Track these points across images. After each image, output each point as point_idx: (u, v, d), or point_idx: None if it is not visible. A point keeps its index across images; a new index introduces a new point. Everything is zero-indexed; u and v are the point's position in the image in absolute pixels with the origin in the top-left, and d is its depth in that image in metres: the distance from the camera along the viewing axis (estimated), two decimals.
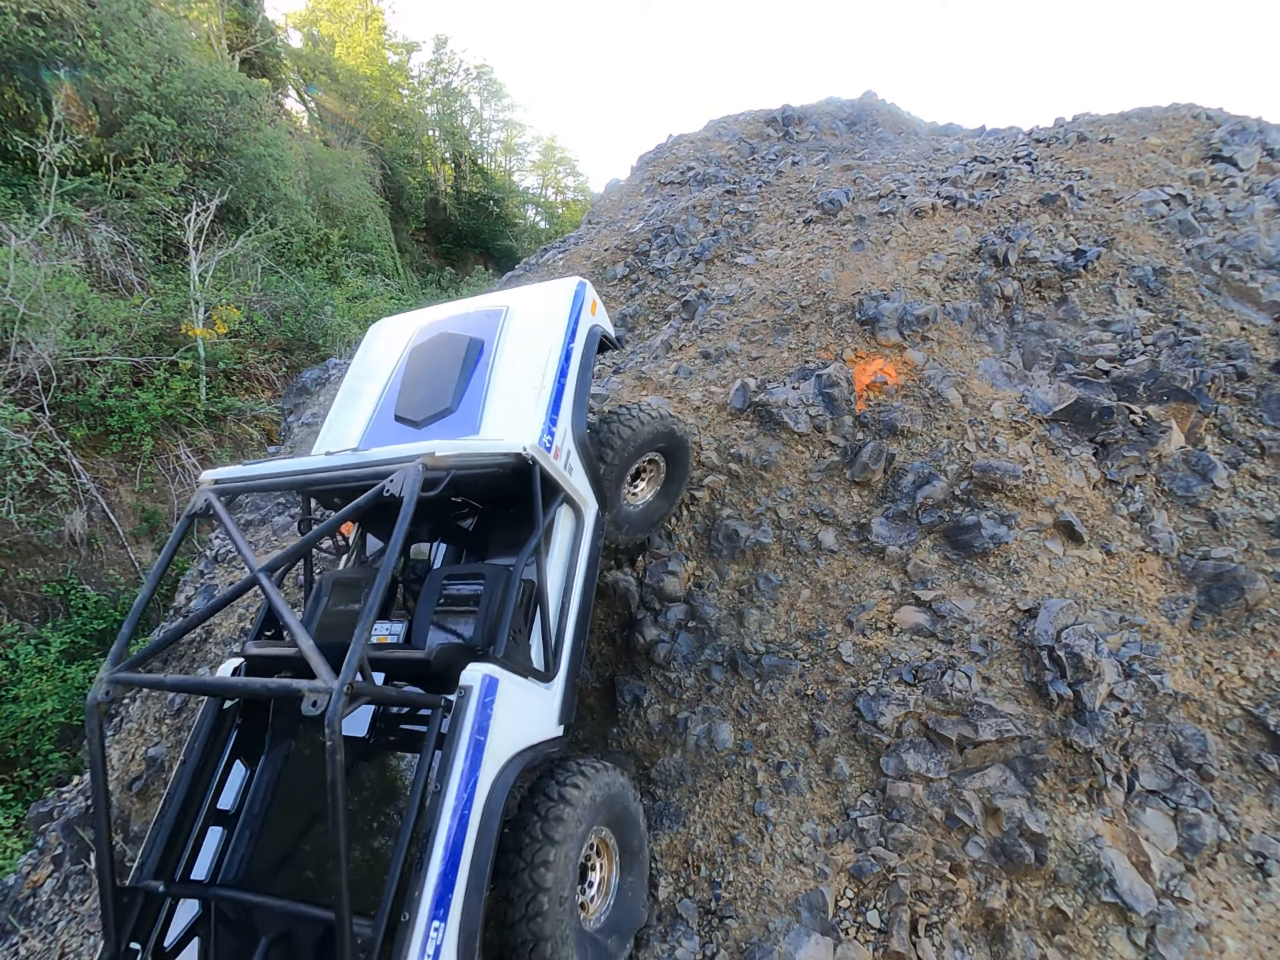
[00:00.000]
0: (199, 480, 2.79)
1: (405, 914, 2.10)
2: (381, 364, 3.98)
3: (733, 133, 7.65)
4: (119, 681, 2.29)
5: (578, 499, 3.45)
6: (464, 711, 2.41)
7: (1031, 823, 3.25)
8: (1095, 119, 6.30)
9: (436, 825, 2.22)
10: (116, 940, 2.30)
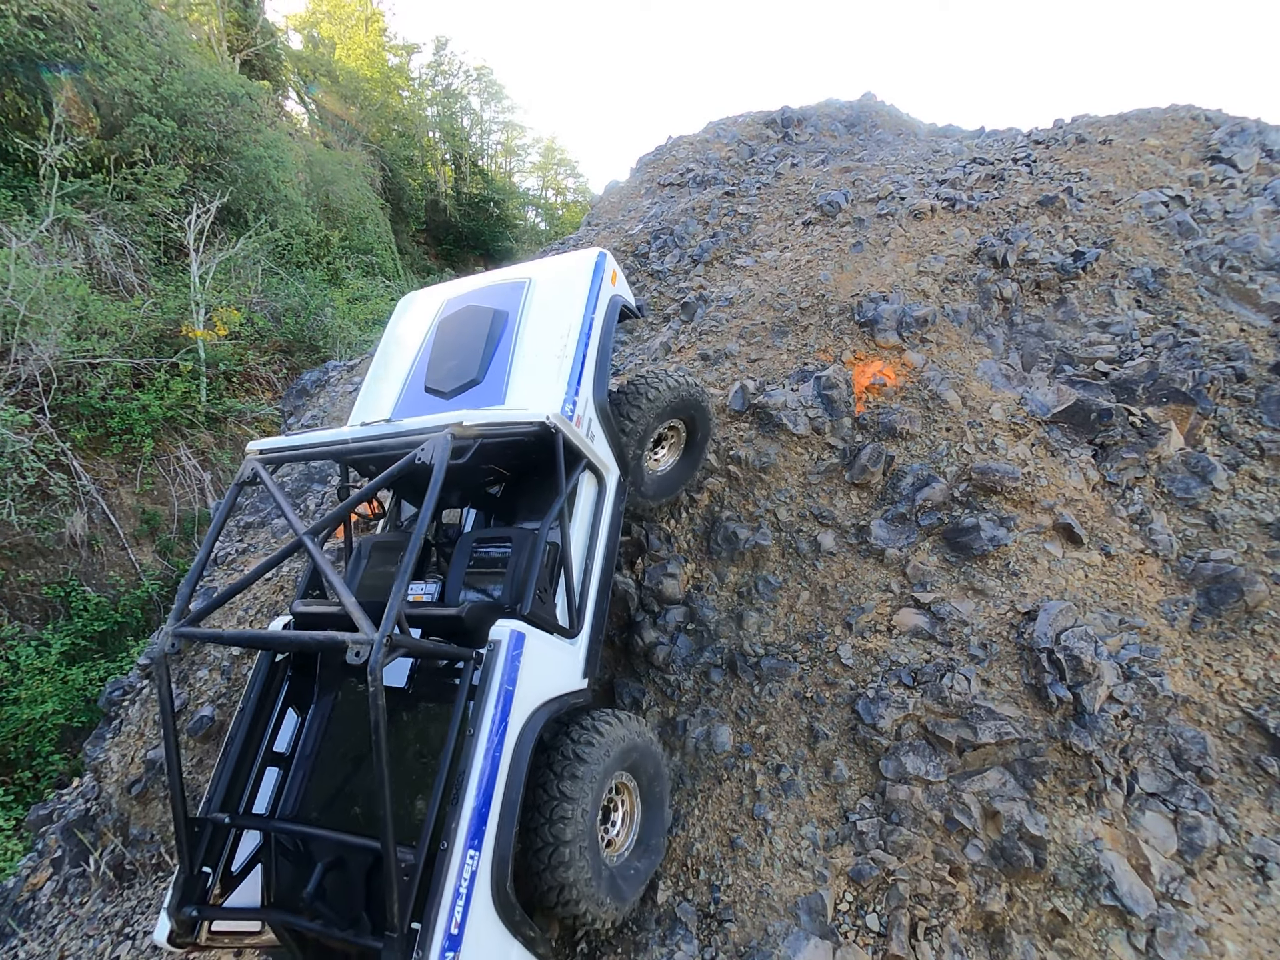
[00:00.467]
0: (245, 450, 2.99)
1: (444, 843, 2.31)
2: (411, 336, 4.12)
3: (732, 134, 7.65)
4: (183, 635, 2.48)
5: (600, 465, 3.56)
6: (494, 663, 2.59)
7: (1031, 825, 3.24)
8: (1094, 120, 6.30)
9: (471, 765, 2.43)
10: (190, 865, 2.56)
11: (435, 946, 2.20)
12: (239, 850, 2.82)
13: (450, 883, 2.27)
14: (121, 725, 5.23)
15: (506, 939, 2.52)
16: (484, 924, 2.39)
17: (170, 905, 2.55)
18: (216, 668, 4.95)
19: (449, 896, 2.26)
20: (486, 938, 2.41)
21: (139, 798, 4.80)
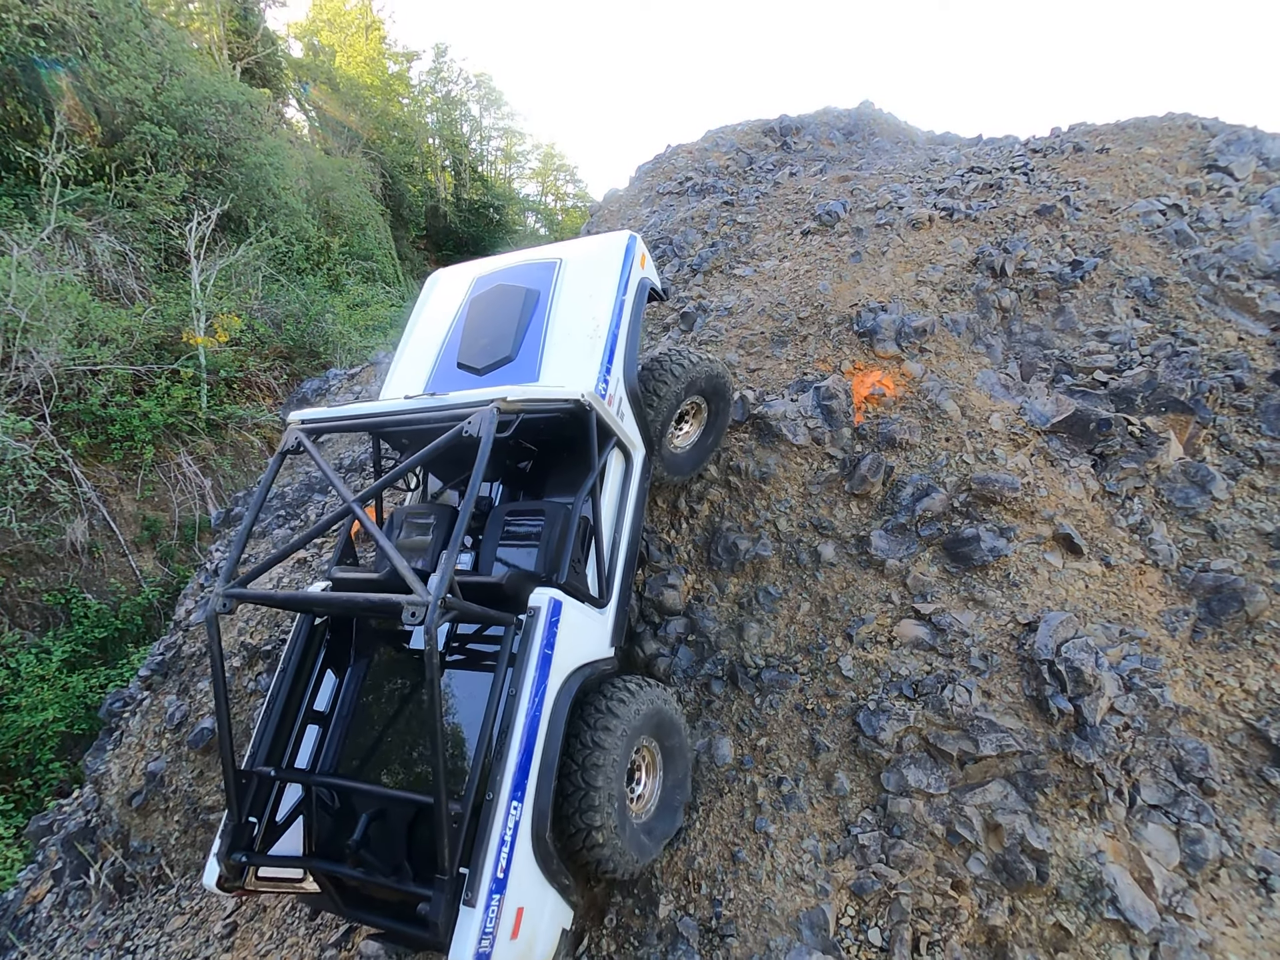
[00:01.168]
0: (288, 421, 3.06)
1: (490, 794, 2.47)
2: (442, 314, 4.21)
3: (730, 143, 7.68)
4: (234, 595, 2.57)
5: (628, 443, 3.70)
6: (534, 628, 2.75)
7: (1033, 839, 3.23)
8: (1091, 129, 6.32)
9: (513, 723, 2.59)
10: (239, 814, 2.68)
11: (483, 888, 2.36)
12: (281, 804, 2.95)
13: (496, 831, 2.44)
14: (122, 737, 5.22)
15: (544, 886, 2.69)
16: (525, 870, 2.57)
17: (220, 852, 2.67)
18: None
19: (495, 843, 2.42)
20: (527, 883, 2.58)
21: (139, 810, 4.80)
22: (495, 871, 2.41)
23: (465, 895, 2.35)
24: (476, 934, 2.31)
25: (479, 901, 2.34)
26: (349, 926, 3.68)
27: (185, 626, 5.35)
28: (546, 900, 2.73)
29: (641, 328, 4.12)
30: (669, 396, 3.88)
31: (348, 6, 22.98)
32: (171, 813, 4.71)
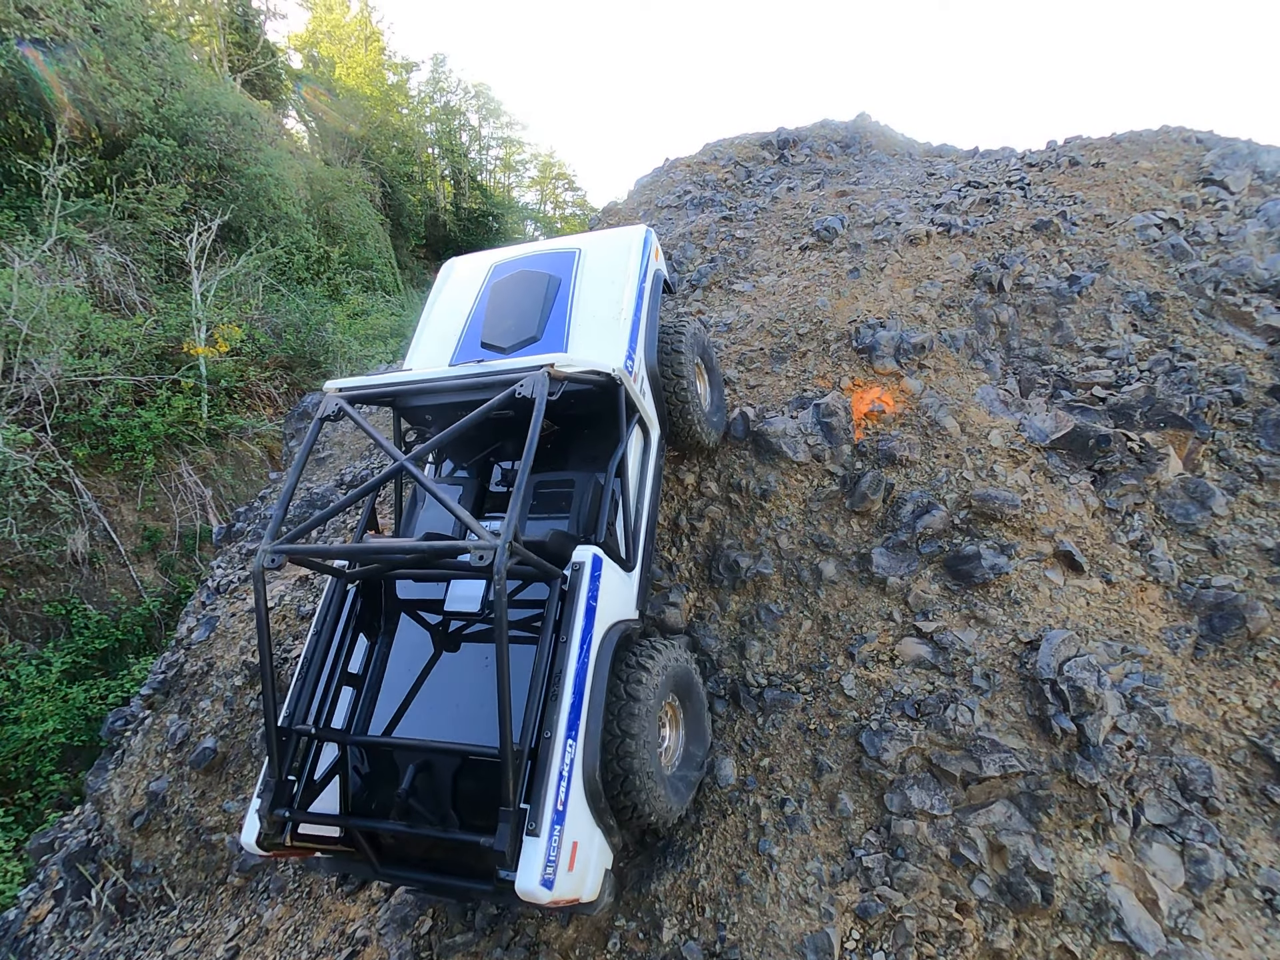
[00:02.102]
0: (324, 389, 3.20)
1: (548, 732, 2.64)
2: (460, 298, 4.40)
3: (728, 156, 7.72)
4: (282, 550, 2.65)
5: (648, 420, 3.91)
6: (580, 581, 2.93)
7: (1037, 860, 3.23)
8: (1086, 143, 6.35)
9: (565, 667, 2.76)
10: (279, 770, 2.75)
11: (545, 820, 2.50)
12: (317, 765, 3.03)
13: (555, 766, 2.59)
14: (123, 756, 5.21)
15: (593, 824, 2.82)
16: (579, 807, 2.71)
17: (262, 808, 2.71)
18: (220, 698, 4.95)
19: (554, 778, 2.57)
20: (581, 819, 2.71)
21: (141, 830, 4.78)
22: (555, 804, 2.56)
23: (529, 826, 2.49)
24: (541, 862, 2.45)
25: (542, 831, 2.48)
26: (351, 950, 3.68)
27: (187, 644, 5.35)
28: (595, 838, 2.84)
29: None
30: (687, 371, 4.12)
31: (347, 18, 23.15)
32: (173, 833, 4.70)
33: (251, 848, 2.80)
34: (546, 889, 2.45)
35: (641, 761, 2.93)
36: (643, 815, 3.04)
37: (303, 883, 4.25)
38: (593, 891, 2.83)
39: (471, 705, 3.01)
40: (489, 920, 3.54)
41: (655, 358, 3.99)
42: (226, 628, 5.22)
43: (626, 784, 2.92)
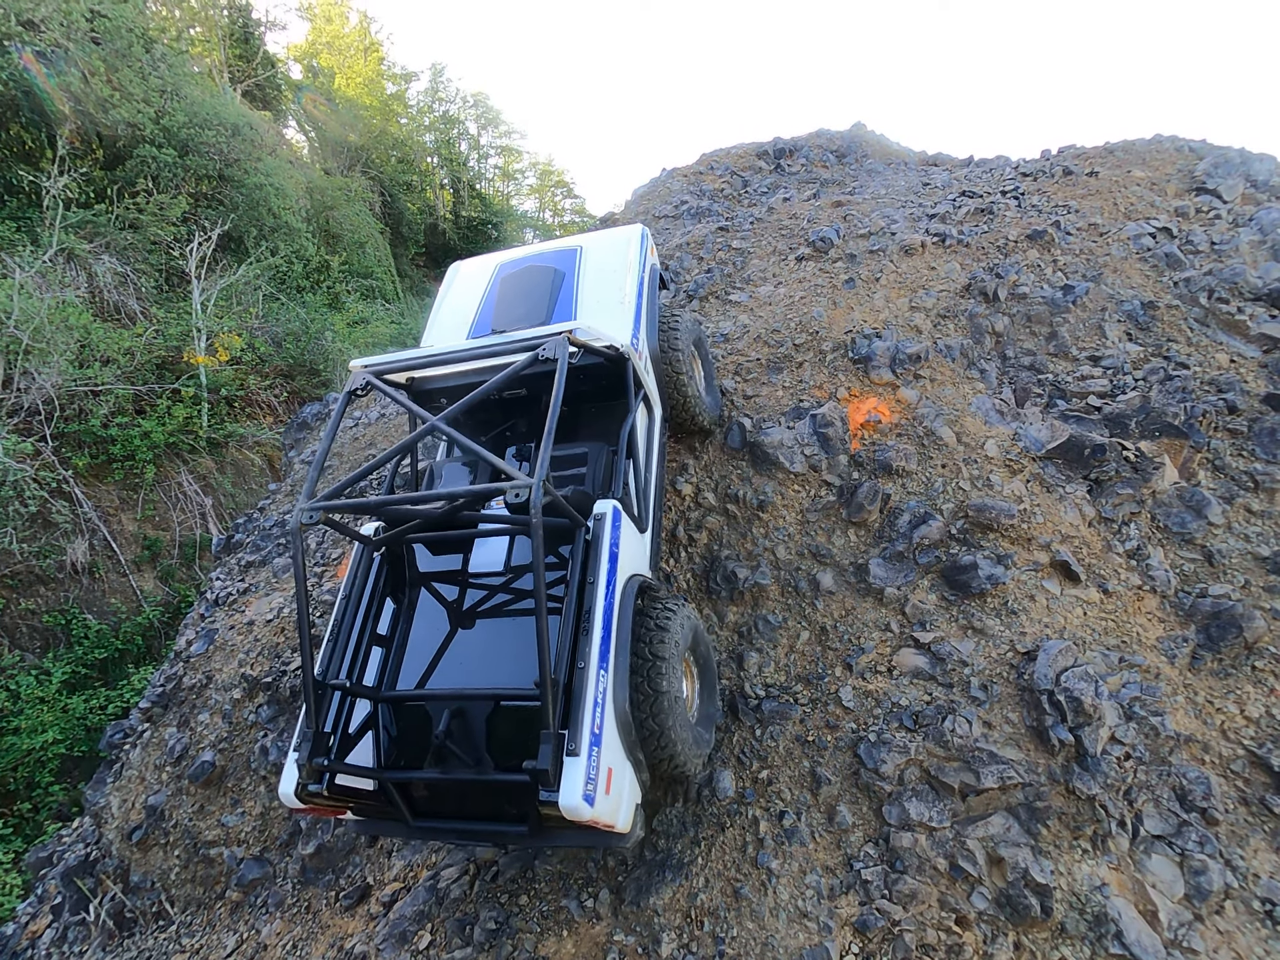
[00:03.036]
0: (350, 367, 3.37)
1: (581, 663, 2.81)
2: (470, 292, 4.68)
3: (725, 166, 7.76)
4: (320, 507, 2.76)
5: (652, 398, 4.13)
6: (603, 529, 3.13)
7: (1036, 872, 3.22)
8: (1080, 152, 6.39)
9: (594, 605, 2.94)
10: (317, 721, 2.83)
11: (584, 741, 2.66)
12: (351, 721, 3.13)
13: (590, 694, 2.75)
14: (122, 770, 5.21)
15: (625, 756, 2.96)
16: (612, 735, 2.86)
17: (301, 757, 2.77)
18: (218, 711, 4.95)
19: (590, 704, 2.74)
20: (614, 747, 2.87)
21: (139, 844, 4.77)
22: (592, 728, 2.72)
23: (569, 747, 2.63)
24: (583, 779, 2.59)
25: (581, 751, 2.63)
26: None
27: (186, 657, 5.35)
28: (627, 771, 2.99)
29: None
30: (683, 348, 4.36)
31: (346, 29, 23.32)
32: (172, 847, 4.69)
33: (289, 799, 2.88)
34: (588, 804, 2.58)
35: (675, 717, 3.13)
36: (677, 765, 3.23)
37: (301, 897, 4.24)
38: (626, 821, 2.94)
39: (499, 658, 3.18)
40: (487, 935, 3.53)
41: (656, 343, 4.23)
42: (225, 640, 5.23)
43: (663, 738, 3.10)
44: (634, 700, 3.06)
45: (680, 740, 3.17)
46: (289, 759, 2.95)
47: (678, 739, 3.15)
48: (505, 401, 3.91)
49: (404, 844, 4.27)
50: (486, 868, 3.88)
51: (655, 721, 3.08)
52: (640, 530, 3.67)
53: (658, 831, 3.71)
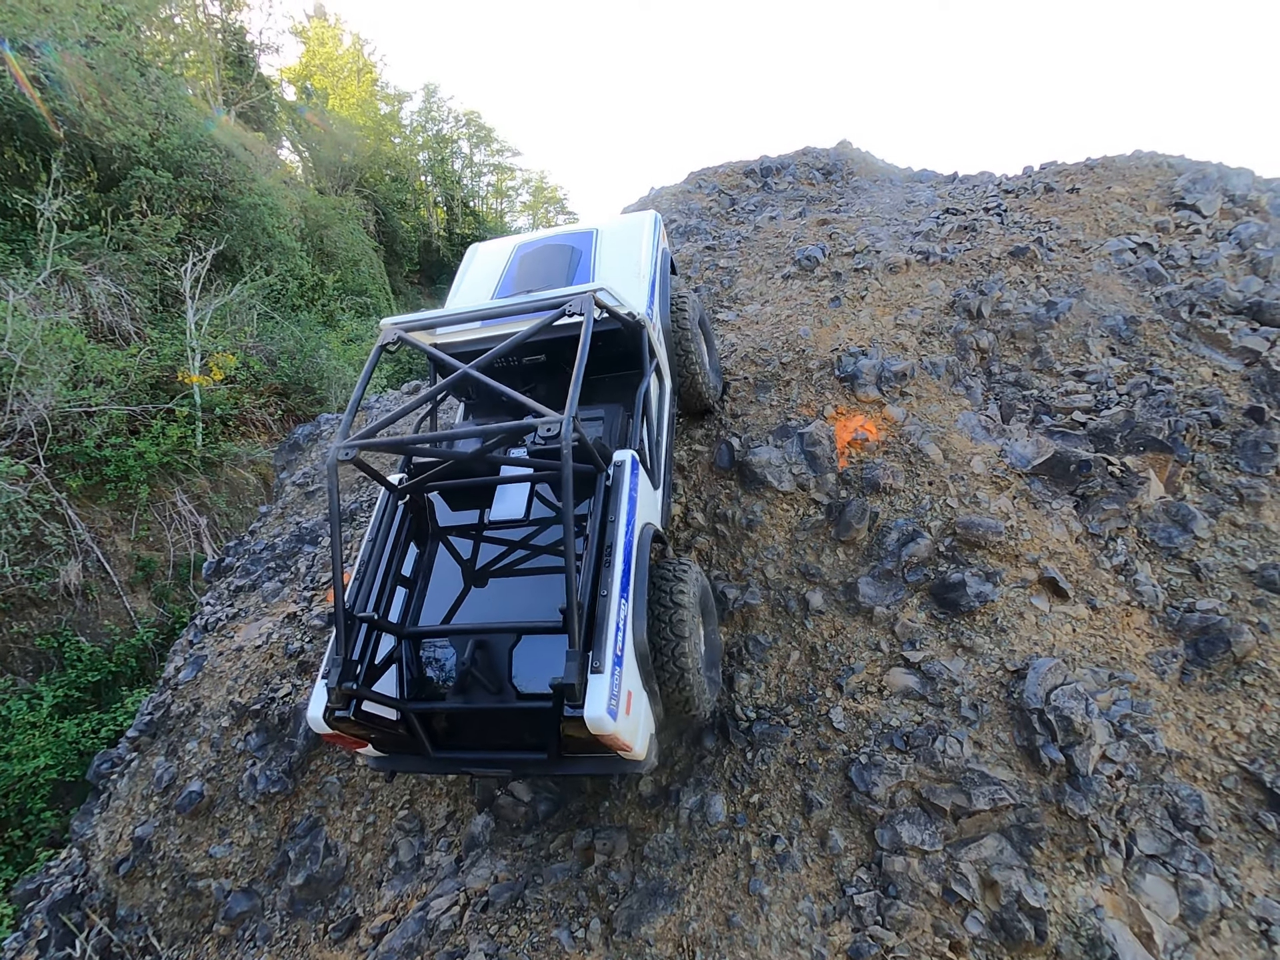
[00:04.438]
0: (380, 325, 3.53)
1: (604, 591, 2.97)
2: (489, 270, 4.89)
3: (713, 184, 7.85)
4: (355, 444, 2.90)
5: (664, 369, 4.30)
6: (622, 475, 3.33)
7: (1030, 896, 3.20)
8: (1061, 168, 6.48)
9: (616, 540, 3.12)
10: (347, 649, 2.92)
11: (607, 660, 2.81)
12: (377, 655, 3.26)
13: (612, 618, 2.91)
14: (110, 800, 5.14)
15: (642, 685, 3.11)
16: (631, 661, 2.99)
17: (331, 681, 2.86)
18: (206, 740, 4.90)
19: (612, 628, 2.89)
20: (633, 673, 3.00)
21: (127, 877, 4.71)
22: (614, 649, 2.87)
23: (594, 664, 2.78)
24: (606, 694, 2.73)
25: (605, 669, 2.78)
26: None
27: (174, 685, 5.31)
28: (644, 698, 3.14)
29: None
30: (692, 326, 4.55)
31: (340, 51, 23.61)
32: (159, 880, 4.63)
33: (317, 723, 2.99)
34: (611, 718, 2.71)
35: (692, 660, 3.33)
36: (691, 706, 3.43)
37: (290, 930, 4.18)
38: (643, 747, 3.07)
39: (519, 598, 3.35)
40: None
41: (669, 319, 4.42)
42: (214, 667, 5.19)
43: (682, 681, 3.31)
44: (656, 645, 3.25)
45: (697, 684, 3.39)
46: (317, 686, 3.09)
47: (695, 681, 3.36)
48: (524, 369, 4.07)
49: (393, 874, 4.22)
50: (477, 898, 3.83)
51: (676, 665, 3.28)
52: (654, 486, 3.85)
53: (649, 859, 3.67)
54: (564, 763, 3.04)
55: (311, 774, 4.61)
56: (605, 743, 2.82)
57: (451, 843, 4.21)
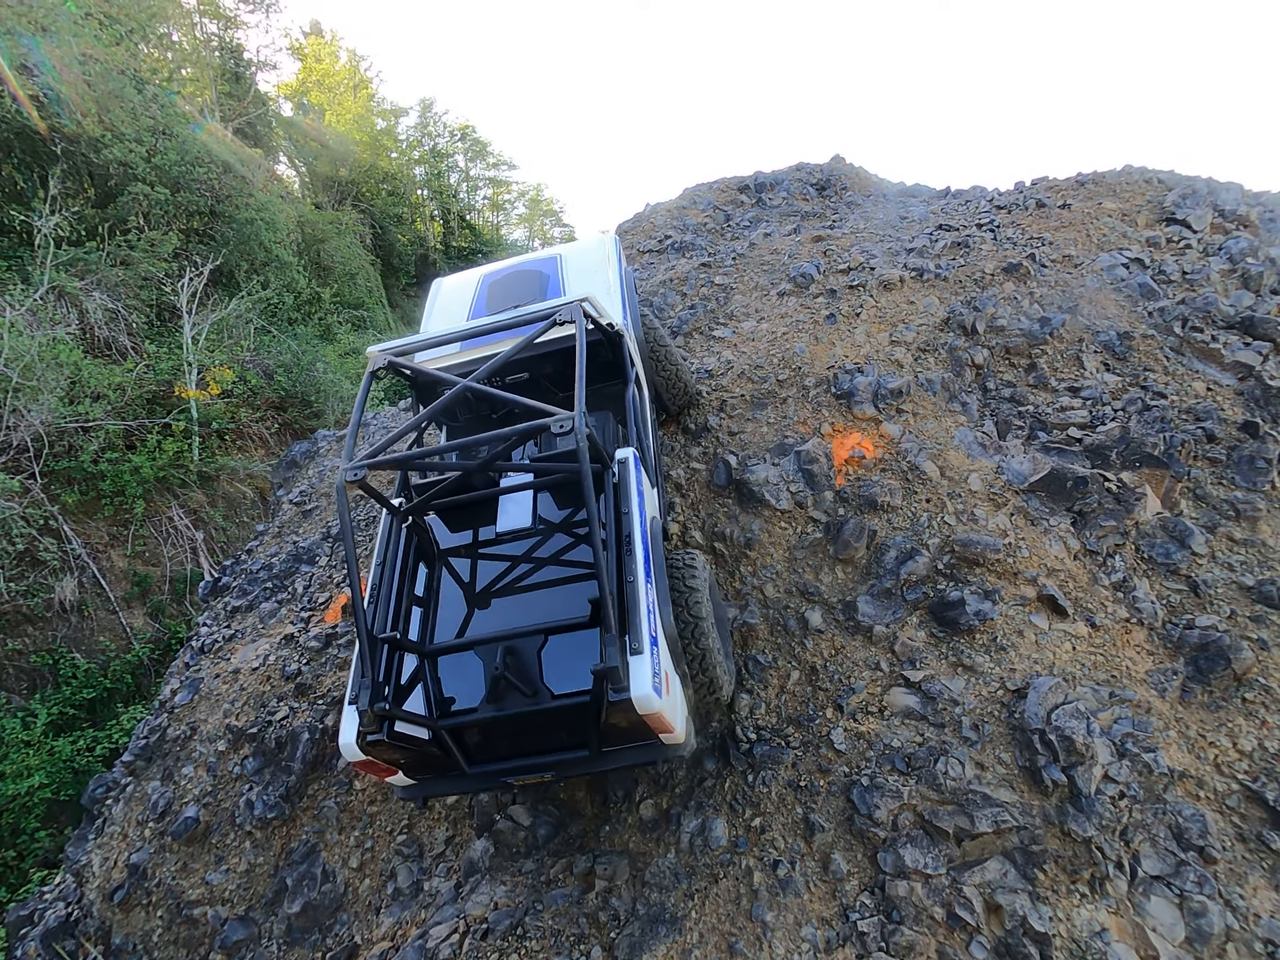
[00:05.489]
0: (368, 353, 3.65)
1: (630, 577, 3.06)
2: (458, 299, 4.96)
3: (707, 200, 7.91)
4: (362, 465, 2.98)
5: (642, 379, 4.41)
6: (627, 470, 3.44)
7: (1034, 920, 3.17)
8: (1053, 184, 6.54)
9: (633, 529, 3.21)
10: (373, 669, 2.94)
11: (645, 641, 2.89)
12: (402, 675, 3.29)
13: (642, 602, 2.99)
14: (105, 825, 5.09)
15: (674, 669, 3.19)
16: (662, 644, 3.07)
17: (363, 704, 2.83)
18: (203, 764, 4.86)
19: (644, 610, 2.98)
20: (665, 655, 3.07)
21: (121, 905, 4.64)
22: (649, 631, 2.94)
23: (633, 646, 2.86)
24: (649, 672, 2.80)
25: (645, 649, 2.86)
26: None
27: (170, 708, 5.27)
28: (677, 681, 3.21)
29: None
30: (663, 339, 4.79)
31: (336, 67, 23.79)
32: (154, 908, 4.57)
33: (350, 750, 3.00)
34: (658, 695, 2.77)
35: (712, 640, 3.48)
36: (715, 686, 3.58)
37: (287, 958, 4.12)
38: (683, 729, 3.15)
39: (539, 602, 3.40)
40: None
41: (641, 331, 4.60)
42: (211, 690, 5.15)
43: (705, 661, 3.46)
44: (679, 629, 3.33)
45: (718, 664, 3.54)
46: (345, 713, 3.09)
47: (716, 662, 3.52)
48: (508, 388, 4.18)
49: (392, 900, 4.17)
50: (477, 925, 3.79)
51: (698, 646, 3.43)
52: (651, 484, 3.94)
53: (650, 884, 3.64)
54: (605, 758, 3.10)
55: (309, 798, 4.57)
56: (650, 724, 2.87)
57: (450, 868, 4.17)
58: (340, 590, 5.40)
